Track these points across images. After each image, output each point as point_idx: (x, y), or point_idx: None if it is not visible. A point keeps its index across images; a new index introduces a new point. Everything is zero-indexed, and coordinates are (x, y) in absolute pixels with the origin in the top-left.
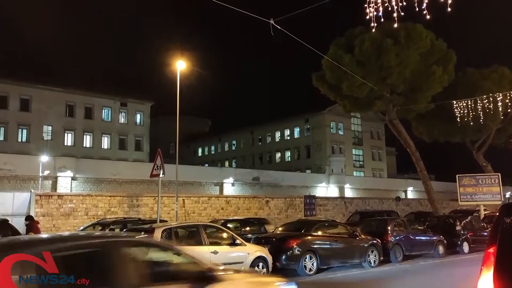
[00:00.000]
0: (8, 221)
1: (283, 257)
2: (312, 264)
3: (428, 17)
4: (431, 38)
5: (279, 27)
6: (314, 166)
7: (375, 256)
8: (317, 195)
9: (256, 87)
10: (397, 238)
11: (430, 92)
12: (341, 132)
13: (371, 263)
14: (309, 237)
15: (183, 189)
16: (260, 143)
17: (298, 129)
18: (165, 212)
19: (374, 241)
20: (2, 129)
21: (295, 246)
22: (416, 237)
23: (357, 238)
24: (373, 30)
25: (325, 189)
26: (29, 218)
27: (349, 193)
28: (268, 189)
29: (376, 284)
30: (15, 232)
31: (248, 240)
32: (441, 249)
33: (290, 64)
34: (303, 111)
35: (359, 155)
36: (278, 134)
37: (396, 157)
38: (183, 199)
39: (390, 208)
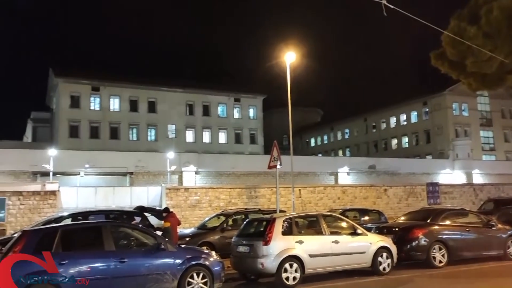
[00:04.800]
0: (144, 208)
1: (408, 247)
2: (442, 256)
3: None
4: None
5: (392, 6)
6: (435, 152)
7: None
8: (440, 182)
9: (367, 72)
10: None
11: None
12: (465, 113)
13: None
14: (437, 227)
15: (298, 179)
16: (374, 130)
17: (416, 113)
18: (282, 202)
19: None
20: (135, 129)
21: (421, 236)
22: None
23: (493, 228)
24: None
25: (449, 176)
26: (166, 210)
27: (478, 179)
28: (385, 178)
29: None
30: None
31: (368, 230)
32: None
33: (402, 45)
34: (420, 94)
35: (488, 137)
36: (393, 120)
37: None
38: (299, 190)
39: None
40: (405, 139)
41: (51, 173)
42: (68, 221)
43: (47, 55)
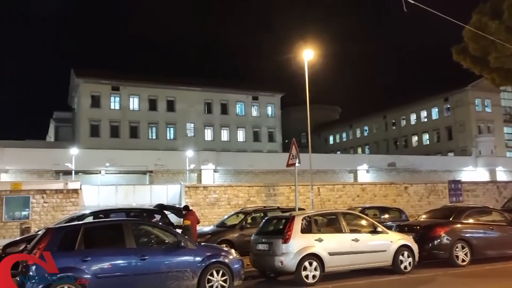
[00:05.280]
0: (164, 206)
1: (430, 246)
2: (465, 254)
3: None
4: None
5: (412, 2)
6: (457, 149)
7: None
8: (462, 179)
9: (386, 68)
10: None
11: None
12: (488, 109)
13: None
14: (459, 225)
15: (317, 177)
16: (394, 127)
17: (437, 109)
18: (301, 200)
19: None
20: (154, 128)
21: (443, 235)
22: None
23: None
24: None
25: (472, 173)
26: (185, 208)
27: (502, 176)
28: (405, 175)
29: None
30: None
31: (388, 228)
32: None
33: (422, 41)
34: (441, 90)
35: None
36: (413, 117)
37: None
38: (318, 187)
39: None
40: (426, 136)
41: (73, 172)
42: (90, 219)
43: (69, 56)
